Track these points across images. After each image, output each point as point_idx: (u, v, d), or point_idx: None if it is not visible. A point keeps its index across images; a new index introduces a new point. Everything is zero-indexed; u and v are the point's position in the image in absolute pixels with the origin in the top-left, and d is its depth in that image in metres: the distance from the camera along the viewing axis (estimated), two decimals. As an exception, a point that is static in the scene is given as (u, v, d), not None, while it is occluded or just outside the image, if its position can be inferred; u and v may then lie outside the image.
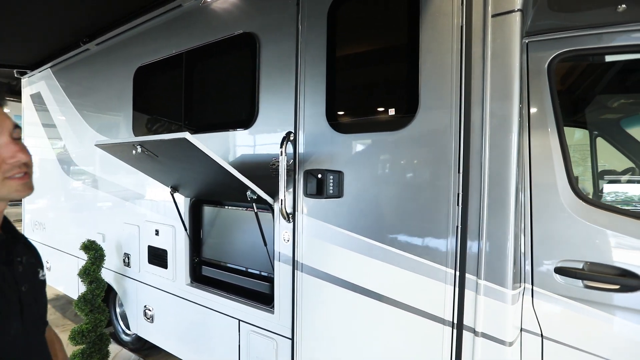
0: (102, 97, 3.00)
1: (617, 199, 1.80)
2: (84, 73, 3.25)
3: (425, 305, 1.36)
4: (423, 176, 1.37)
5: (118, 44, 2.83)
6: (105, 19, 2.79)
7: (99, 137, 3.00)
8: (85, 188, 3.20)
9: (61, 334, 3.31)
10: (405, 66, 1.40)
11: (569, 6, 1.35)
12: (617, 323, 1.23)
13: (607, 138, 2.06)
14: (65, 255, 3.46)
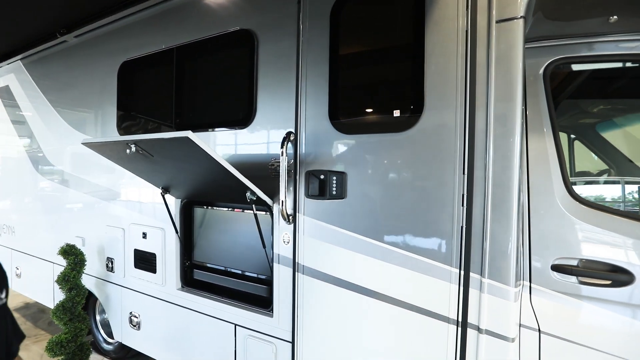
0: (82, 92, 2.83)
1: (598, 200, 1.91)
2: (61, 67, 3.06)
3: (430, 304, 1.38)
4: (428, 177, 1.38)
5: (100, 36, 2.68)
6: (86, 10, 2.64)
7: (78, 135, 2.83)
8: (62, 189, 3.01)
9: (34, 345, 3.10)
10: (411, 68, 1.41)
11: (564, 15, 1.41)
12: (609, 317, 1.31)
13: (584, 141, 2.18)
14: (38, 261, 3.24)
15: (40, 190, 3.26)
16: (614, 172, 2.06)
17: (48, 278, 3.15)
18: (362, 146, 1.52)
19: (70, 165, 2.94)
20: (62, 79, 3.03)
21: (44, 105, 3.18)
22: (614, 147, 2.11)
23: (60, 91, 3.05)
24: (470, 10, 1.29)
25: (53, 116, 3.09)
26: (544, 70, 1.47)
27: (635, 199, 1.75)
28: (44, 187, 3.22)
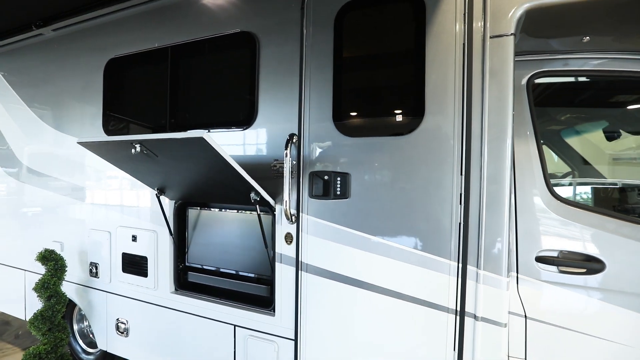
0: (60, 89, 2.69)
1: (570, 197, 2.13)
2: (35, 61, 2.87)
3: (431, 296, 1.48)
4: (428, 178, 1.49)
5: (83, 31, 2.56)
6: (68, 4, 2.51)
7: (58, 134, 2.68)
8: (37, 191, 2.82)
9: (3, 358, 2.86)
10: (412, 76, 1.51)
11: (545, 33, 1.58)
12: (585, 301, 1.47)
13: (550, 146, 2.42)
14: (5, 269, 3.00)
15: (10, 193, 3.03)
16: (576, 173, 2.31)
17: (18, 287, 2.93)
18: (365, 148, 1.60)
19: (47, 166, 2.77)
20: (36, 74, 2.85)
21: (14, 102, 2.97)
22: (575, 151, 2.36)
23: (34, 87, 2.87)
24: (467, 26, 1.42)
25: (25, 113, 2.89)
26: (527, 82, 1.63)
27: (604, 197, 1.97)
28: (15, 189, 3.00)
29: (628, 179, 2.18)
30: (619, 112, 2.18)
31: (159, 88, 2.19)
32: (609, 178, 2.27)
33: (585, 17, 1.43)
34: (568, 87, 1.94)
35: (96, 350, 2.88)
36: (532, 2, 1.36)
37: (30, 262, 2.87)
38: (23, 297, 2.93)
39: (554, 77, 1.73)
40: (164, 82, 2.16)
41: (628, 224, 1.47)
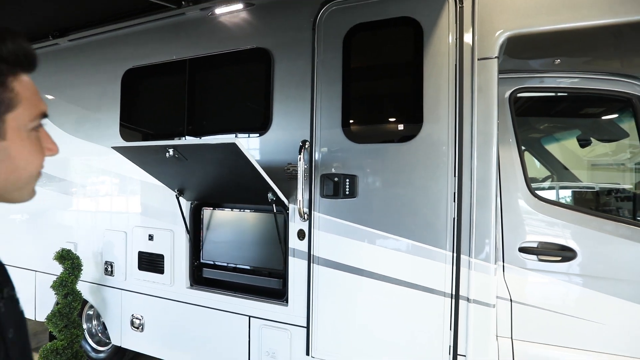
0: (75, 97, 2.82)
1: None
2: (48, 68, 2.99)
3: (430, 282, 1.69)
4: (426, 179, 1.71)
5: (100, 41, 2.72)
6: (86, 17, 2.67)
7: (73, 139, 2.80)
8: (50, 194, 2.93)
9: None
10: (412, 91, 1.74)
11: (523, 55, 1.84)
12: (561, 285, 1.71)
13: (532, 152, 2.69)
14: (18, 271, 3.07)
15: (21, 195, 3.11)
16: (555, 177, 2.58)
17: (28, 288, 3.01)
18: (371, 153, 1.82)
19: (61, 171, 2.88)
20: (49, 82, 2.97)
21: (27, 108, 3.08)
22: (554, 157, 2.64)
23: (48, 93, 2.99)
24: (458, 49, 1.66)
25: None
26: (509, 96, 1.89)
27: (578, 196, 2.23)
28: (26, 192, 3.09)
29: (598, 181, 2.47)
30: (589, 122, 2.46)
31: (176, 97, 2.36)
32: (582, 180, 2.55)
33: (555, 44, 1.69)
34: (545, 101, 2.22)
35: (106, 347, 2.98)
36: (512, 30, 1.61)
37: (40, 263, 2.96)
38: (33, 298, 3.01)
39: (532, 92, 2.00)
40: (182, 91, 2.33)
41: (596, 218, 1.72)
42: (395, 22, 1.78)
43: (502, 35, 1.63)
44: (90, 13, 2.63)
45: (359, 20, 1.84)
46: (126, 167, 2.55)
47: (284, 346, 2.02)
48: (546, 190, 2.44)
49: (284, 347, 2.02)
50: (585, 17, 1.53)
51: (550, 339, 1.70)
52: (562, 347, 1.68)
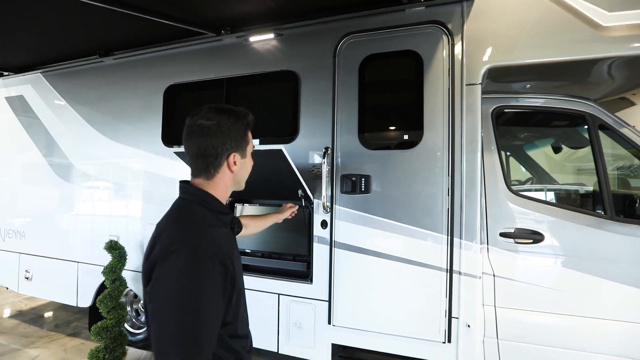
0: (119, 108, 3.21)
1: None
2: (92, 82, 3.39)
3: (430, 260, 2.13)
4: (426, 178, 2.16)
5: (144, 60, 3.13)
6: (132, 39, 3.07)
7: (116, 145, 3.19)
8: (94, 193, 3.31)
9: (51, 344, 3.28)
10: (415, 109, 2.20)
11: (502, 80, 2.32)
12: (532, 261, 2.16)
13: (515, 157, 3.17)
14: (59, 262, 3.42)
15: (65, 195, 3.49)
16: (536, 179, 3.05)
17: (71, 278, 3.37)
18: (382, 158, 2.26)
19: (105, 173, 3.27)
20: (95, 94, 3.36)
21: (72, 116, 3.46)
22: (534, 161, 3.12)
23: (92, 104, 3.37)
24: (450, 77, 2.12)
25: (83, 126, 3.39)
26: (492, 112, 2.36)
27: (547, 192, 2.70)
28: (70, 192, 3.46)
29: (567, 181, 2.95)
30: (559, 133, 2.95)
31: (214, 110, 2.78)
32: (556, 179, 3.03)
33: (526, 73, 2.17)
34: (525, 115, 2.69)
35: (140, 330, 3.35)
36: (492, 63, 2.08)
37: (83, 255, 3.33)
38: (75, 287, 3.37)
39: (510, 109, 2.47)
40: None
41: (559, 209, 2.18)
42: (401, 54, 2.24)
43: (484, 66, 2.10)
44: (136, 36, 3.04)
45: (372, 51, 2.30)
46: (165, 168, 2.98)
47: (309, 317, 2.43)
48: (523, 186, 2.92)
49: (309, 318, 2.43)
50: (549, 55, 2.01)
51: (524, 305, 2.15)
52: (533, 311, 2.14)
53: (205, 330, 0.81)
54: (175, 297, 0.81)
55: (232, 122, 1.01)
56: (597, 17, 1.91)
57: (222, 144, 0.99)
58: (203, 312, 0.81)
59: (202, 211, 0.98)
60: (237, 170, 1.04)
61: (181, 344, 0.78)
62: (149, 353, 3.17)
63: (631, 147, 2.14)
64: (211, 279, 0.84)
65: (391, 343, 2.22)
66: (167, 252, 0.85)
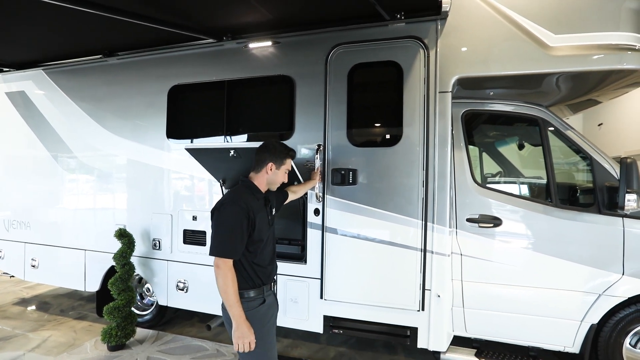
0: (124, 106, 3.43)
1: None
2: (97, 80, 3.58)
3: (407, 241, 2.50)
4: (404, 171, 2.52)
5: (148, 61, 3.35)
6: (136, 40, 3.28)
7: (121, 140, 3.41)
8: (100, 185, 3.53)
9: (61, 325, 3.52)
10: (396, 111, 2.55)
11: (470, 87, 2.69)
12: (492, 242, 2.56)
13: (487, 152, 3.57)
14: (69, 251, 3.63)
15: (70, 187, 3.69)
16: (505, 172, 3.47)
17: (79, 265, 3.59)
18: (367, 154, 2.61)
19: (110, 165, 3.49)
20: (99, 90, 3.55)
21: (75, 112, 3.64)
22: (504, 156, 3.54)
23: (96, 101, 3.56)
24: (426, 84, 2.48)
25: (87, 122, 3.58)
26: (462, 115, 2.73)
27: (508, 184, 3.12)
28: (75, 185, 3.67)
29: (528, 175, 3.38)
30: (522, 131, 3.37)
31: (216, 108, 3.05)
32: (521, 172, 3.46)
33: (489, 82, 2.55)
34: (491, 116, 3.07)
35: (144, 312, 3.62)
36: (460, 74, 2.45)
37: (90, 243, 3.56)
38: (83, 273, 3.60)
39: (477, 112, 2.85)
40: (222, 104, 3.02)
41: (513, 198, 2.59)
42: (385, 64, 2.58)
43: (454, 76, 2.46)
44: (140, 39, 3.25)
45: (359, 61, 2.63)
46: (169, 161, 3.24)
47: (304, 293, 2.78)
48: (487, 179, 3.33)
49: (304, 294, 2.78)
50: (507, 69, 2.38)
51: (486, 279, 2.56)
52: (493, 284, 2.55)
53: (234, 242, 1.61)
54: (224, 223, 1.64)
55: (281, 150, 1.86)
56: (546, 39, 2.29)
57: (269, 157, 1.81)
58: (234, 231, 1.61)
59: (245, 190, 1.76)
60: (270, 175, 1.81)
61: (218, 245, 1.62)
62: (155, 332, 3.45)
63: (574, 146, 2.55)
64: (239, 215, 1.63)
65: (374, 313, 2.60)
66: (222, 203, 1.69)
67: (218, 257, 1.60)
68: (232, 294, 1.58)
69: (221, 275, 1.59)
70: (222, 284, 1.59)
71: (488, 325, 2.57)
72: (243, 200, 1.66)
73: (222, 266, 1.59)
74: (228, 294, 1.58)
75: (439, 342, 2.49)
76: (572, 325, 2.39)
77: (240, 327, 1.59)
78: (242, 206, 1.63)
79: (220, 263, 1.59)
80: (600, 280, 2.35)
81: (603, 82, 2.59)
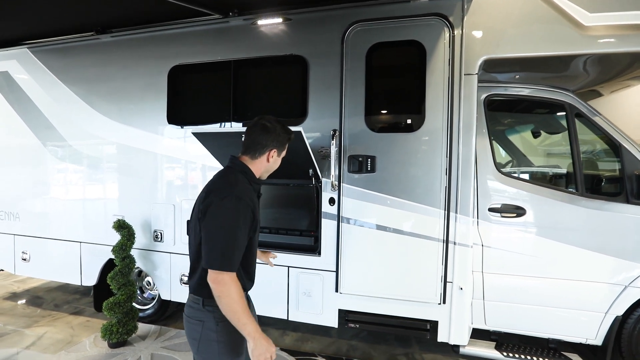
0: (121, 87, 3.18)
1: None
2: (88, 60, 3.31)
3: (429, 232, 2.39)
4: (426, 159, 2.38)
5: (145, 39, 3.09)
6: (132, 16, 3.02)
7: (117, 125, 3.18)
8: (96, 175, 3.30)
9: (56, 321, 3.33)
10: (418, 94, 2.39)
11: (494, 70, 2.55)
12: (515, 232, 2.47)
13: (497, 141, 3.46)
14: (63, 243, 3.42)
15: (63, 176, 3.45)
16: (515, 162, 3.37)
17: (74, 258, 3.39)
18: (387, 140, 2.46)
19: (106, 153, 3.26)
20: (91, 72, 3.29)
21: (66, 95, 3.37)
22: (515, 145, 3.44)
23: (89, 83, 3.30)
24: (450, 67, 2.32)
25: (80, 106, 3.33)
26: (484, 99, 2.59)
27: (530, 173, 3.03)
28: (68, 173, 3.43)
29: (544, 163, 3.29)
30: (539, 119, 3.26)
31: (222, 90, 2.85)
32: (533, 161, 3.37)
33: (515, 65, 2.41)
34: (514, 101, 2.93)
35: (146, 307, 3.46)
36: (487, 55, 2.30)
37: (85, 235, 3.35)
38: (79, 266, 3.40)
39: (500, 97, 2.71)
40: (228, 86, 2.82)
41: (537, 187, 2.49)
42: (406, 43, 2.41)
43: (481, 57, 2.31)
44: (137, 13, 2.99)
45: (378, 40, 2.45)
46: (169, 147, 3.04)
47: (318, 287, 2.65)
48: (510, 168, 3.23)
49: (318, 287, 2.65)
50: (537, 50, 2.24)
51: (507, 270, 2.48)
52: (514, 275, 2.46)
53: (238, 249, 1.27)
54: (224, 226, 1.25)
55: (282, 133, 1.45)
56: (580, 17, 2.15)
57: (271, 141, 1.43)
58: (238, 237, 1.26)
59: (242, 176, 1.38)
60: (270, 163, 1.46)
61: (221, 256, 1.23)
62: (157, 327, 3.30)
63: (602, 134, 2.45)
64: (245, 218, 1.29)
65: (393, 306, 2.50)
66: (220, 197, 1.27)
67: (222, 271, 1.21)
68: (242, 312, 1.21)
69: (226, 293, 1.20)
70: (228, 303, 1.21)
71: (509, 317, 2.50)
72: (247, 194, 1.31)
73: (228, 281, 1.21)
74: (238, 313, 1.21)
75: (460, 336, 2.41)
76: (596, 317, 2.33)
77: (259, 343, 1.22)
78: (247, 202, 1.28)
79: (223, 278, 1.20)
80: (627, 271, 2.28)
81: (631, 65, 2.47)
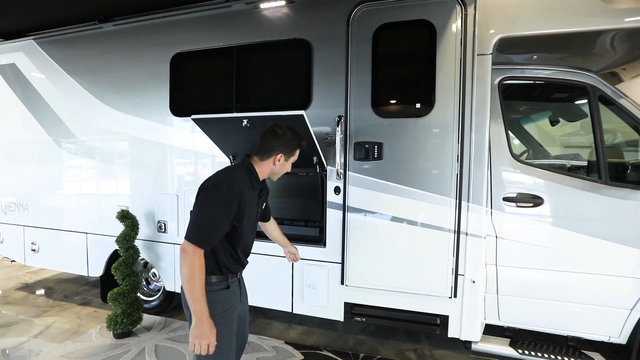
0: (123, 76, 3.14)
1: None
2: (92, 50, 3.29)
3: (439, 222, 2.27)
4: (437, 145, 2.26)
5: (147, 27, 3.04)
6: (133, 3, 2.97)
7: (122, 115, 3.15)
8: (99, 165, 3.29)
9: (65, 312, 3.35)
10: (427, 77, 2.26)
11: (510, 51, 2.39)
12: (531, 223, 2.32)
13: (512, 130, 3.29)
14: (70, 234, 3.44)
15: (69, 168, 3.45)
16: (531, 152, 3.20)
17: (81, 249, 3.40)
18: (394, 126, 2.34)
19: (108, 143, 3.24)
20: (94, 63, 3.27)
21: (71, 86, 3.37)
22: (530, 135, 3.26)
23: (93, 74, 3.28)
24: (463, 47, 2.18)
25: (84, 96, 3.31)
26: (498, 83, 2.44)
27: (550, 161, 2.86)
28: (74, 165, 3.43)
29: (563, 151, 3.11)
30: (558, 106, 3.08)
31: (224, 78, 2.77)
32: (549, 149, 3.18)
33: (533, 44, 2.25)
34: (531, 84, 2.76)
35: (151, 298, 3.45)
36: (503, 33, 2.15)
37: (91, 226, 3.36)
38: (85, 257, 3.41)
39: (515, 80, 2.56)
40: (230, 73, 2.74)
41: (557, 175, 2.33)
42: (415, 23, 2.28)
43: (496, 36, 2.16)
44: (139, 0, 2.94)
45: (386, 20, 2.33)
46: (173, 138, 2.98)
47: (323, 279, 2.57)
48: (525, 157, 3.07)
49: (323, 279, 2.57)
50: (558, 26, 2.08)
51: (522, 263, 2.34)
52: (530, 269, 2.33)
53: (214, 231, 1.38)
54: (209, 208, 1.39)
55: (292, 139, 1.58)
56: (606, -11, 1.98)
57: (279, 146, 1.56)
58: (217, 221, 1.38)
59: (244, 173, 1.52)
60: (276, 167, 1.59)
61: (196, 231, 1.37)
62: (162, 319, 3.29)
63: (628, 118, 2.28)
64: (229, 207, 1.40)
65: (401, 299, 2.39)
66: (215, 184, 1.42)
67: (190, 243, 1.35)
68: (197, 286, 1.34)
69: (187, 262, 1.34)
70: (187, 273, 1.34)
71: (524, 313, 2.36)
72: (238, 188, 1.42)
73: (192, 253, 1.34)
74: (193, 286, 1.34)
75: (472, 332, 2.29)
76: (621, 314, 2.18)
77: (200, 325, 1.32)
78: (236, 194, 1.40)
79: (190, 249, 1.34)
80: (655, 264, 2.12)
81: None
